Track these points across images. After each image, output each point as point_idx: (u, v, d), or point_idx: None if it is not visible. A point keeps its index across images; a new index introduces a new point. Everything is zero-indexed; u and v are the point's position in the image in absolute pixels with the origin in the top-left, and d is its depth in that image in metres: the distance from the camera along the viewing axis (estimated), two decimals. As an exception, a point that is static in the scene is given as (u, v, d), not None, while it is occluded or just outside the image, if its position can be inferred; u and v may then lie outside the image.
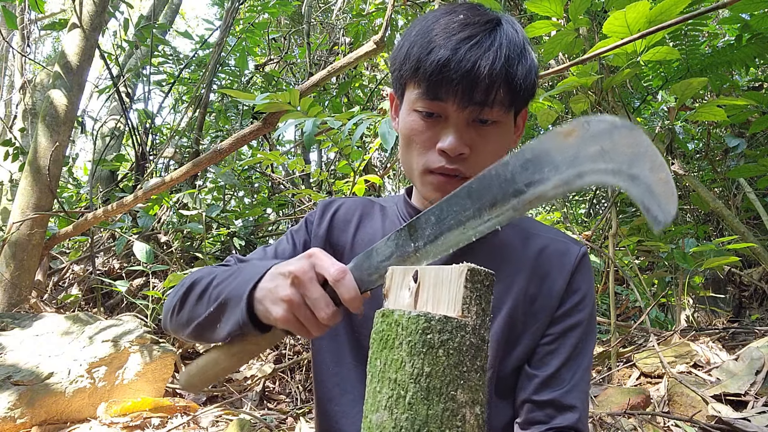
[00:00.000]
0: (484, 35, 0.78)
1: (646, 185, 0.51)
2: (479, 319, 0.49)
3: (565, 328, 0.89)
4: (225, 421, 2.19)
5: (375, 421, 0.49)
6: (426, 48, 0.79)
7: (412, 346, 0.47)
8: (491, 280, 0.51)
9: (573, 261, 0.91)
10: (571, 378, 0.87)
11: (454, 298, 0.48)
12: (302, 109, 2.02)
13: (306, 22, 5.03)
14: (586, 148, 0.53)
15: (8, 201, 4.53)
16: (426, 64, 0.78)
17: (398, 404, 0.47)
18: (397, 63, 0.86)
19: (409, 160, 0.87)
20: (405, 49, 0.83)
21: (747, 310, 3.96)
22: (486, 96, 0.78)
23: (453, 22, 0.80)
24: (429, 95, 0.80)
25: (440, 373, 0.46)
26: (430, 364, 0.46)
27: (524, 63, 0.80)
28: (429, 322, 0.47)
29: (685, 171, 2.68)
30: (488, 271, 0.52)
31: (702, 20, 2.64)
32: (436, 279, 0.51)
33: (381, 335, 0.51)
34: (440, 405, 0.46)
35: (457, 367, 0.47)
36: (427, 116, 0.82)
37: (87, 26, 3.09)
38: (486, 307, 0.50)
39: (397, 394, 0.47)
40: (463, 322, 0.47)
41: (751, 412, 1.84)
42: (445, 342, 0.46)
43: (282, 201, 4.47)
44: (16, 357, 2.10)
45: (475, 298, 0.49)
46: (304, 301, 0.65)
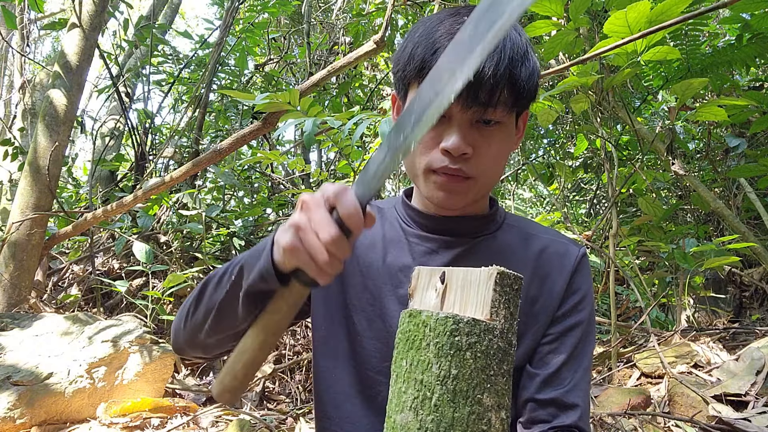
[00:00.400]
0: None
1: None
2: (507, 323, 0.48)
3: (565, 328, 0.90)
4: (225, 422, 2.19)
5: (399, 422, 0.48)
6: (430, 49, 0.80)
7: (440, 348, 0.46)
8: (519, 284, 0.50)
9: (573, 262, 0.92)
10: (572, 377, 0.88)
11: (483, 300, 0.48)
12: (302, 109, 2.01)
13: (306, 21, 5.03)
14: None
15: (8, 201, 4.52)
16: (430, 65, 0.78)
17: (424, 406, 0.46)
18: (401, 64, 0.86)
19: (411, 160, 0.87)
20: (409, 49, 0.84)
21: (747, 310, 3.96)
22: (490, 97, 0.78)
23: (457, 24, 0.80)
24: None
25: (467, 375, 0.45)
26: (458, 367, 0.46)
27: (527, 66, 0.81)
28: (457, 324, 0.46)
29: (686, 171, 2.67)
30: (517, 275, 0.50)
31: (702, 20, 2.64)
32: (464, 281, 0.50)
33: (407, 335, 0.50)
34: (466, 408, 0.45)
35: (485, 371, 0.46)
36: None
37: (87, 26, 3.08)
38: (514, 311, 0.49)
39: (423, 395, 0.46)
40: (492, 326, 0.47)
41: (752, 412, 1.84)
42: (473, 345, 0.46)
43: (282, 201, 4.47)
44: (15, 357, 2.10)
45: (504, 302, 0.48)
46: (309, 225, 0.64)
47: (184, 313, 0.86)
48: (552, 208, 6.15)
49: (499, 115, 0.81)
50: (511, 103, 0.82)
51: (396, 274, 0.92)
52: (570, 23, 2.20)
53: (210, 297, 0.81)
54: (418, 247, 0.93)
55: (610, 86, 2.29)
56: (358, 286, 0.93)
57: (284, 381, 2.90)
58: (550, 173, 4.12)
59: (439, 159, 0.83)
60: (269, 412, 2.52)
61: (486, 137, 0.83)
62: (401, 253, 0.93)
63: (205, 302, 0.82)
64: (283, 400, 2.79)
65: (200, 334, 0.83)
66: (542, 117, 2.43)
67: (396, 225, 0.98)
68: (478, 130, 0.82)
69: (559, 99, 2.64)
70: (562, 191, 5.59)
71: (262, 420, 2.22)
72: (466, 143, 0.81)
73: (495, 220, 0.96)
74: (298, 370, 2.96)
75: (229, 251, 3.88)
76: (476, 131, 0.82)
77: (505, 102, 0.80)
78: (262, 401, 2.71)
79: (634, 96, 3.62)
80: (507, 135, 0.86)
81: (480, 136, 0.82)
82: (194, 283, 3.22)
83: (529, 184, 6.54)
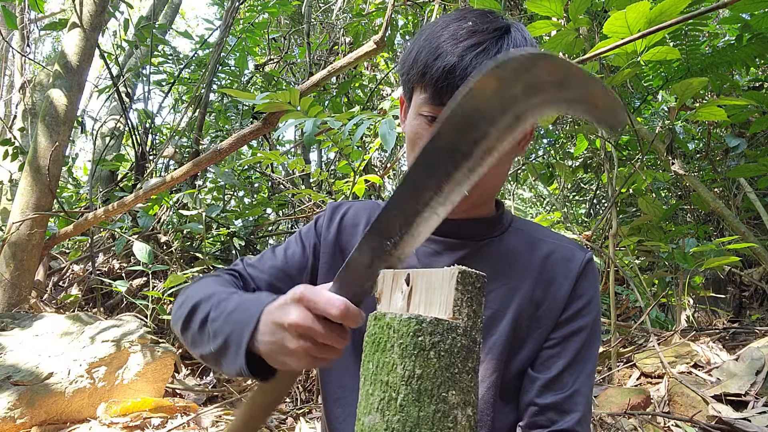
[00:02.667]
0: (492, 42, 0.79)
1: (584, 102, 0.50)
2: (470, 321, 0.48)
3: (568, 333, 0.89)
4: (225, 422, 2.19)
5: (367, 424, 0.49)
6: (433, 54, 0.80)
7: (404, 349, 0.47)
8: (482, 282, 0.51)
9: (578, 267, 0.91)
10: (573, 382, 0.87)
11: (446, 300, 0.48)
12: (302, 109, 2.01)
13: (306, 22, 5.03)
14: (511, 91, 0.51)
15: (8, 201, 4.53)
16: (432, 70, 0.79)
17: (390, 406, 0.47)
18: (406, 67, 0.87)
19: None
20: (413, 53, 0.84)
21: (747, 310, 3.96)
22: None
23: (461, 29, 0.80)
24: (435, 100, 0.81)
25: (431, 375, 0.46)
26: (422, 366, 0.46)
27: None
28: (420, 324, 0.46)
29: (686, 171, 2.68)
30: (479, 273, 0.51)
31: (702, 20, 2.64)
32: (428, 282, 0.50)
33: (373, 338, 0.51)
34: (431, 407, 0.46)
35: (449, 369, 0.47)
36: (432, 120, 0.83)
37: (87, 26, 3.08)
38: (477, 309, 0.50)
39: (389, 396, 0.47)
40: (454, 324, 0.47)
41: (752, 412, 1.84)
42: (436, 344, 0.46)
43: (282, 201, 4.47)
44: (16, 357, 2.10)
45: (467, 300, 0.49)
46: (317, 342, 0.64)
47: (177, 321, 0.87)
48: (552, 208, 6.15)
49: None
50: None
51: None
52: (570, 23, 2.20)
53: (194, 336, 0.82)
54: (423, 248, 0.92)
55: (610, 86, 2.29)
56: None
57: (284, 381, 2.90)
58: (550, 173, 4.12)
59: None
60: (269, 412, 2.52)
61: None
62: None
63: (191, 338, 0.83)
64: (283, 399, 2.79)
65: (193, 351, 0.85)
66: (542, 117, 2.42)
67: None
68: None
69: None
70: (562, 191, 5.59)
71: (262, 420, 2.22)
72: None
73: (501, 223, 0.95)
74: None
75: (229, 251, 3.88)
76: None
77: None
78: (262, 401, 2.70)
79: (634, 96, 3.62)
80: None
81: None
82: (194, 283, 3.22)
83: (529, 184, 6.54)
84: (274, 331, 0.67)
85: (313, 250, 0.99)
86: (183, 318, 0.85)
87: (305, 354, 0.64)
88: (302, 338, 0.64)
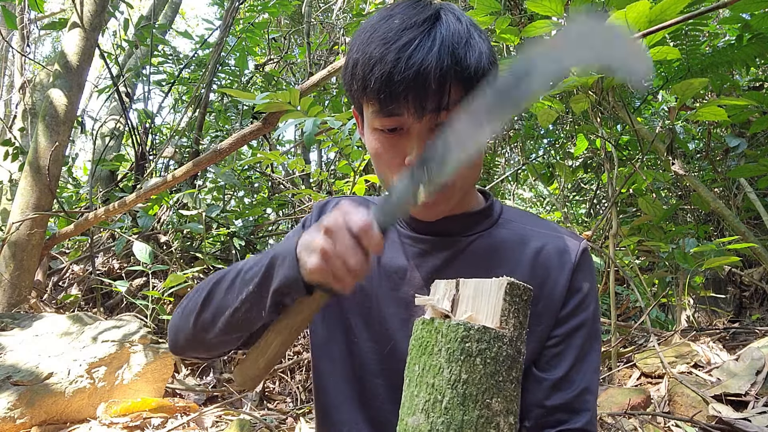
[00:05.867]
0: (423, 36, 0.74)
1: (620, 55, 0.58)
2: (516, 332, 0.50)
3: (570, 330, 0.87)
4: (225, 422, 2.19)
5: (411, 424, 0.49)
6: (367, 64, 0.75)
7: (451, 353, 0.48)
8: (529, 294, 0.52)
9: (573, 259, 0.88)
10: (580, 380, 0.85)
11: (493, 309, 0.49)
12: (302, 109, 2.01)
13: (306, 21, 5.03)
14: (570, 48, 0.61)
15: (8, 201, 4.52)
16: (371, 82, 0.74)
17: (435, 408, 0.48)
18: (347, 82, 0.82)
19: (384, 178, 0.85)
20: (350, 67, 0.80)
21: (747, 310, 3.96)
22: (438, 101, 0.74)
23: (390, 30, 0.75)
24: (383, 112, 0.77)
25: (477, 380, 0.47)
26: (468, 372, 0.47)
27: (472, 51, 0.75)
28: (468, 330, 0.48)
29: (686, 171, 2.67)
30: (527, 286, 0.52)
31: (702, 20, 2.64)
32: (476, 291, 0.52)
33: (420, 341, 0.52)
34: (475, 412, 0.47)
35: (494, 377, 0.48)
36: (388, 132, 0.79)
37: (87, 26, 3.08)
38: (523, 320, 0.51)
39: (434, 398, 0.48)
40: (501, 333, 0.49)
41: (752, 412, 1.84)
42: (482, 351, 0.48)
43: (282, 201, 4.47)
44: (15, 357, 2.10)
45: (513, 311, 0.50)
46: (336, 249, 0.69)
47: (188, 314, 0.86)
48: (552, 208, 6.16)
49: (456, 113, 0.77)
50: (466, 98, 0.75)
51: (392, 276, 0.90)
52: (570, 23, 2.20)
53: (222, 300, 0.82)
54: (411, 248, 0.91)
55: (610, 86, 2.30)
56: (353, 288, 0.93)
57: (284, 381, 2.91)
58: (550, 173, 4.12)
59: None
60: (269, 412, 2.52)
61: None
62: (396, 254, 0.92)
63: (216, 305, 0.82)
64: (283, 399, 2.79)
65: (208, 335, 0.84)
66: (542, 117, 2.43)
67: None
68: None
69: (559, 99, 2.64)
70: (562, 191, 5.59)
71: (262, 420, 2.22)
72: None
73: (490, 216, 0.93)
74: (298, 370, 2.96)
75: (229, 251, 3.87)
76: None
77: (458, 100, 0.75)
78: (262, 401, 2.71)
79: (634, 96, 3.62)
80: None
81: None
82: (194, 282, 3.22)
83: (529, 184, 6.54)
84: (311, 232, 0.73)
85: None
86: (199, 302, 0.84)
87: (323, 256, 0.69)
88: (327, 238, 0.70)
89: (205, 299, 0.84)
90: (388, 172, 0.82)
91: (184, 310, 0.88)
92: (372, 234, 0.69)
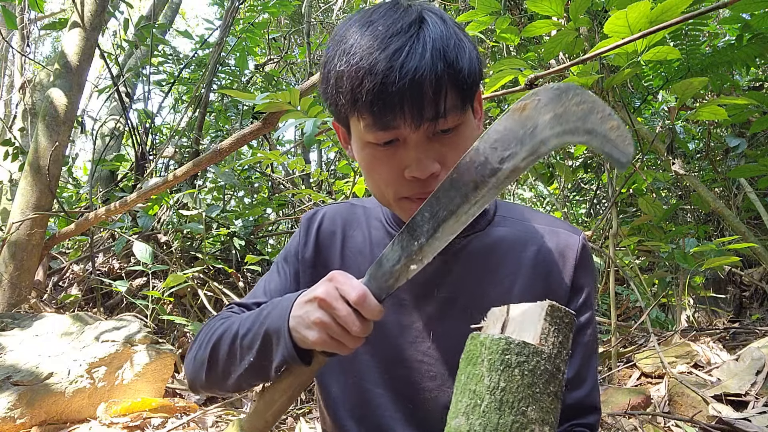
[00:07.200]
0: (413, 41, 0.69)
1: (601, 135, 0.56)
2: (555, 350, 0.54)
3: (577, 328, 0.87)
4: (225, 422, 2.19)
5: (453, 426, 0.54)
6: (355, 77, 0.70)
7: (492, 363, 0.52)
8: (571, 318, 0.56)
9: (574, 255, 0.88)
10: (590, 377, 0.87)
11: (534, 328, 0.54)
12: (302, 109, 2.01)
13: (306, 21, 5.03)
14: (542, 117, 0.58)
15: (8, 201, 4.52)
16: (362, 95, 0.70)
17: (474, 411, 0.52)
18: (330, 97, 0.76)
19: (378, 190, 0.81)
20: (333, 80, 0.74)
21: (748, 310, 3.96)
22: (436, 109, 0.71)
23: (375, 38, 0.70)
24: (377, 125, 0.72)
25: (514, 389, 0.51)
26: (506, 381, 0.51)
27: (463, 53, 0.72)
28: (509, 344, 0.52)
29: (686, 171, 2.67)
30: (568, 310, 0.57)
31: (702, 20, 2.63)
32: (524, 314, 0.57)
33: (468, 354, 0.57)
34: (510, 417, 0.51)
35: (530, 387, 0.51)
36: (383, 145, 0.75)
37: (87, 26, 3.08)
38: (564, 341, 0.55)
39: (474, 402, 0.52)
40: (540, 349, 0.52)
41: (752, 412, 1.84)
42: (521, 363, 0.52)
43: (282, 201, 4.46)
44: (15, 357, 2.10)
45: (554, 331, 0.54)
46: (335, 321, 0.69)
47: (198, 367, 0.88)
48: (552, 208, 6.15)
49: (453, 120, 0.74)
50: (461, 103, 0.74)
51: None
52: (570, 23, 2.20)
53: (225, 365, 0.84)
54: None
55: (610, 86, 2.29)
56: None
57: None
58: (550, 173, 4.12)
59: (409, 187, 0.77)
60: (269, 412, 2.51)
61: (449, 145, 0.76)
62: None
63: (221, 369, 0.84)
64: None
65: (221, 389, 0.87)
66: (542, 117, 2.42)
67: (381, 227, 0.94)
68: (439, 141, 0.75)
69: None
70: (562, 191, 5.59)
71: (262, 420, 2.22)
72: (430, 162, 0.74)
73: (485, 214, 0.91)
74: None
75: (229, 251, 3.87)
76: (437, 143, 0.75)
77: (455, 105, 0.73)
78: (262, 401, 2.70)
79: (634, 96, 3.62)
80: (470, 130, 0.78)
81: (443, 147, 0.75)
82: (194, 283, 3.22)
83: (529, 184, 6.54)
84: (303, 305, 0.72)
85: (294, 277, 0.97)
86: (206, 360, 0.86)
87: (324, 328, 0.69)
88: (324, 311, 0.69)
89: (210, 360, 0.86)
90: (385, 186, 0.79)
91: (195, 362, 0.89)
92: (369, 305, 0.68)
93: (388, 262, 0.69)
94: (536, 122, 0.59)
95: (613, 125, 0.56)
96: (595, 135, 0.57)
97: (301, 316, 0.71)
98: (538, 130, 0.59)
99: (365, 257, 0.92)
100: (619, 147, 0.56)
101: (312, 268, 0.95)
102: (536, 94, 0.59)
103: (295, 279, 0.97)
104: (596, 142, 0.57)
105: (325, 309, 0.69)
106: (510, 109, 0.61)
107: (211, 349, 0.85)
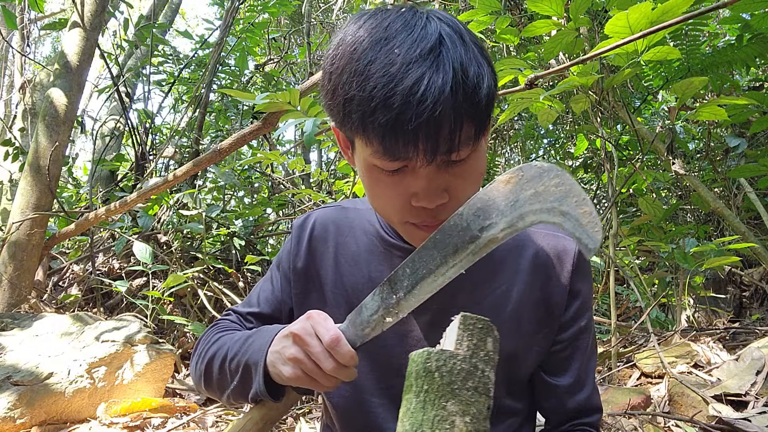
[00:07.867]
0: (432, 71, 0.63)
1: (574, 219, 0.59)
2: (471, 351, 0.60)
3: (575, 333, 0.89)
4: (225, 422, 2.19)
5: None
6: (368, 104, 0.64)
7: (418, 373, 0.61)
8: (484, 323, 0.62)
9: (571, 260, 0.88)
10: (590, 380, 0.91)
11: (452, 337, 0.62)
12: (302, 109, 2.01)
13: (306, 21, 5.03)
14: (524, 192, 0.61)
15: (8, 201, 4.52)
16: (374, 125, 0.65)
17: (405, 415, 0.60)
18: (338, 114, 0.70)
19: (383, 210, 0.78)
20: (340, 97, 0.68)
21: (748, 310, 3.96)
22: (451, 142, 0.67)
23: (390, 64, 0.64)
24: (387, 156, 0.68)
25: (435, 389, 0.59)
26: (428, 384, 0.59)
27: (482, 82, 0.67)
28: (429, 354, 0.60)
29: (686, 171, 2.67)
30: (480, 318, 0.62)
31: (702, 20, 2.63)
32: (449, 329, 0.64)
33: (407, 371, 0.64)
34: (432, 412, 0.58)
35: (450, 385, 0.58)
36: (390, 172, 0.71)
37: (87, 26, 3.08)
38: (479, 342, 0.62)
39: (406, 408, 0.61)
40: (455, 353, 0.60)
41: (752, 412, 1.84)
42: (439, 367, 0.59)
43: (282, 201, 4.46)
44: (15, 357, 2.10)
45: (467, 336, 0.61)
46: (308, 357, 0.71)
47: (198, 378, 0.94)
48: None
49: (466, 152, 0.70)
50: (475, 134, 0.69)
51: None
52: (570, 23, 2.20)
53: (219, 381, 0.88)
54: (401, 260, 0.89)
55: (610, 86, 2.29)
56: (343, 306, 0.90)
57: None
58: (550, 173, 4.11)
59: (416, 214, 0.74)
60: (269, 412, 2.51)
61: (459, 176, 0.72)
62: (384, 266, 0.89)
63: (216, 385, 0.90)
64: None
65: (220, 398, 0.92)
66: (542, 117, 2.42)
67: (374, 234, 0.92)
68: (448, 171, 0.71)
69: (559, 99, 2.64)
70: (562, 191, 5.58)
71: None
72: (439, 192, 0.71)
73: None
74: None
75: (229, 251, 3.87)
76: (446, 173, 0.71)
77: (469, 137, 0.68)
78: (262, 401, 2.70)
79: (634, 96, 3.62)
80: (479, 159, 0.74)
81: (452, 177, 0.72)
82: (194, 283, 3.22)
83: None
84: (281, 339, 0.75)
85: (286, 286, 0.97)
86: (203, 374, 0.91)
87: (297, 364, 0.71)
88: (298, 347, 0.72)
89: (206, 375, 0.91)
90: (389, 207, 0.75)
91: (196, 371, 0.94)
92: (342, 348, 0.70)
93: (367, 311, 0.71)
94: (518, 197, 0.62)
95: (585, 211, 0.59)
96: (568, 218, 0.59)
97: (279, 351, 0.74)
98: (518, 204, 0.61)
99: (360, 268, 0.91)
100: (589, 233, 0.58)
101: (304, 277, 0.94)
102: (521, 170, 0.62)
103: (286, 288, 0.96)
104: (569, 224, 0.59)
105: (299, 345, 0.72)
106: (497, 179, 0.63)
107: (206, 366, 0.90)
